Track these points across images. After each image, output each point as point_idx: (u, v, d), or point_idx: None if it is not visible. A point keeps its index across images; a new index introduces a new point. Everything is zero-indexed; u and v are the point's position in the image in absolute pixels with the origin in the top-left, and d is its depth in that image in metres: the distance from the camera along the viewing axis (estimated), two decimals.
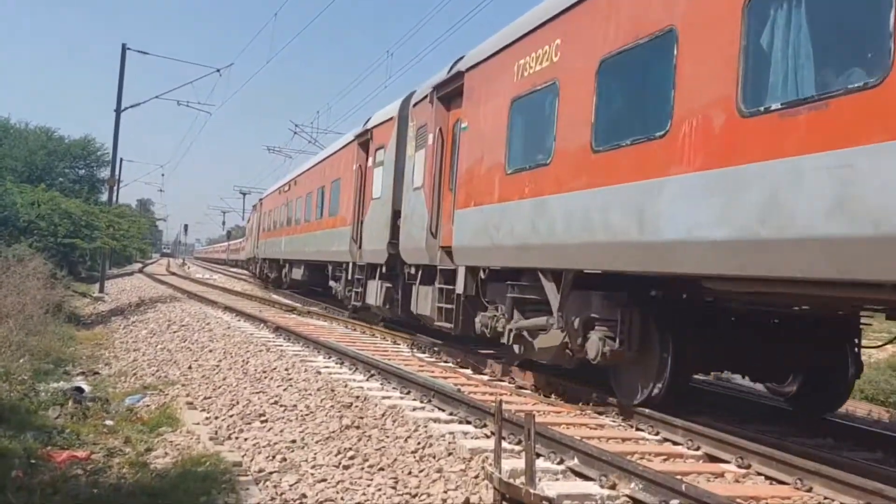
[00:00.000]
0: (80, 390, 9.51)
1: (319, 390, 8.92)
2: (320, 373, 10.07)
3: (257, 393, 9.03)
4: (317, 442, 6.82)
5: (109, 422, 8.27)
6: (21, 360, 10.66)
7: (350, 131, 18.29)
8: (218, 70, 30.89)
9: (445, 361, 11.68)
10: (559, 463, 5.77)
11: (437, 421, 7.32)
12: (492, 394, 8.82)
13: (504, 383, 9.80)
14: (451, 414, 7.62)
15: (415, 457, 6.20)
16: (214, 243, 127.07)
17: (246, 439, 7.10)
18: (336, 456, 6.33)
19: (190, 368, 11.28)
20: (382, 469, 5.96)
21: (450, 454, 6.19)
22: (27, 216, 27.79)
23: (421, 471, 5.85)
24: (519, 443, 6.02)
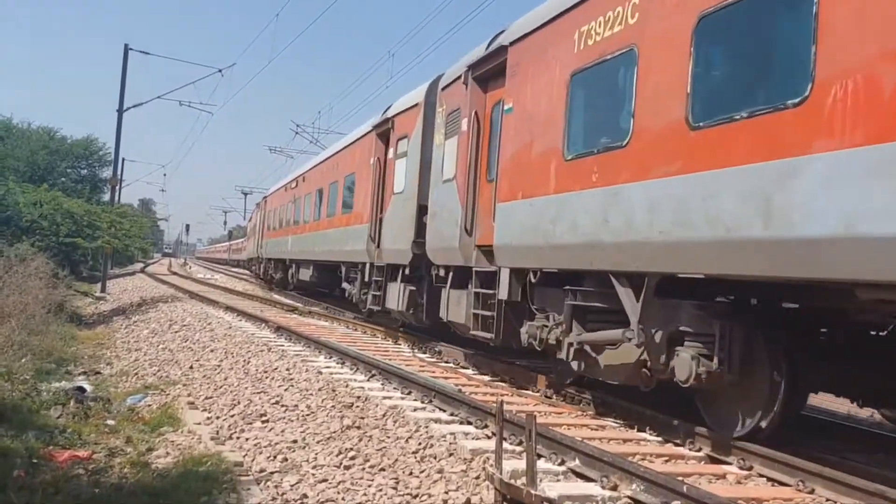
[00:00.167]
0: (82, 390, 9.52)
1: (320, 390, 8.93)
2: (321, 373, 10.08)
3: (258, 393, 9.04)
4: (318, 442, 6.83)
5: (111, 421, 8.28)
6: (23, 360, 10.68)
7: (367, 121, 16.86)
8: (220, 70, 31.03)
9: (446, 362, 11.69)
10: (560, 464, 5.77)
11: (438, 421, 7.33)
12: (493, 394, 8.82)
13: (505, 384, 9.80)
14: (453, 414, 7.62)
15: (416, 457, 6.21)
16: (216, 243, 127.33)
17: (247, 439, 7.10)
18: (337, 456, 6.33)
19: (191, 368, 11.29)
20: (383, 469, 5.96)
21: (451, 455, 6.20)
22: (29, 216, 27.85)
23: (422, 471, 5.85)
24: (520, 443, 6.01)
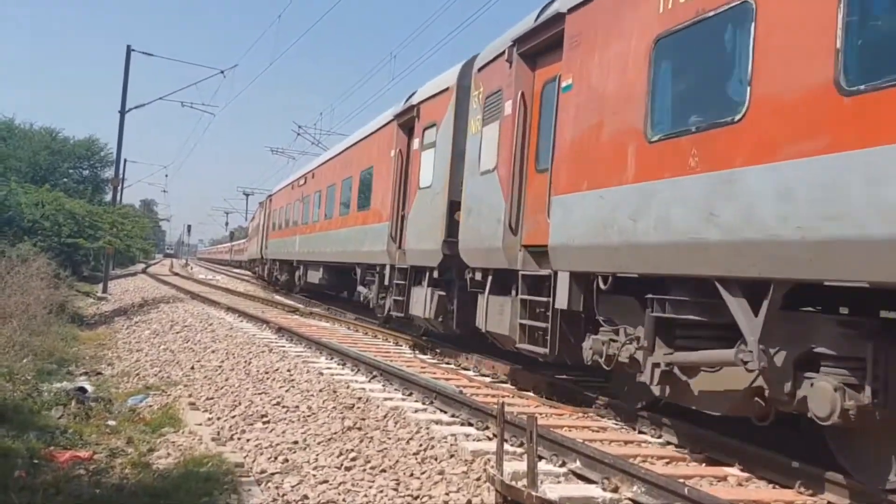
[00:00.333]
0: (83, 390, 9.53)
1: (321, 391, 8.93)
2: (322, 374, 10.08)
3: (259, 394, 9.04)
4: (319, 443, 6.83)
5: (112, 422, 8.28)
6: (24, 361, 10.69)
7: (389, 109, 15.44)
8: (222, 71, 31.15)
9: (447, 363, 11.69)
10: (561, 465, 5.77)
11: (439, 423, 7.33)
12: (494, 396, 8.82)
13: (507, 385, 9.80)
14: (454, 416, 7.62)
15: (417, 458, 6.21)
16: (217, 244, 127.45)
17: (248, 440, 7.11)
18: (338, 457, 6.33)
19: (192, 369, 11.30)
20: (384, 471, 5.96)
21: (452, 456, 6.20)
22: (31, 216, 27.89)
23: (423, 472, 5.85)
24: (521, 445, 6.01)
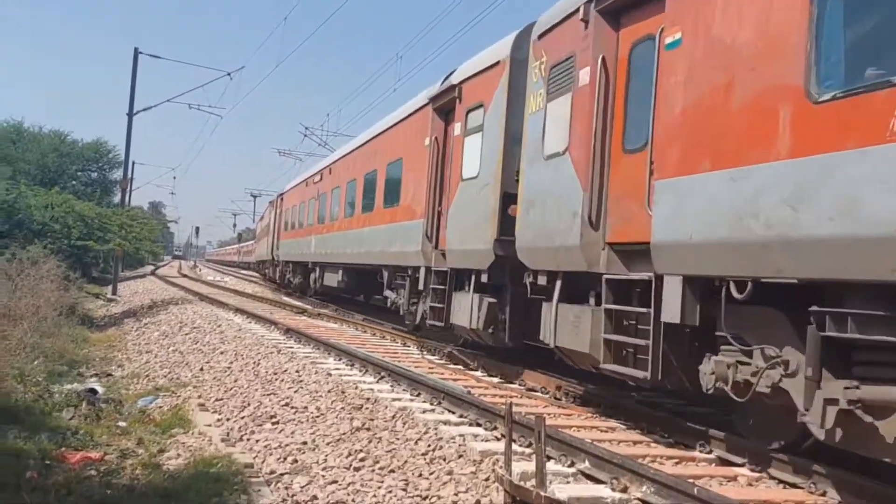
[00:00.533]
0: (94, 392, 9.58)
1: (330, 392, 8.94)
2: (331, 375, 10.10)
3: (268, 395, 9.07)
4: (327, 444, 6.85)
5: (122, 423, 8.33)
6: (35, 362, 10.75)
7: (422, 92, 13.87)
8: (229, 74, 31.27)
9: (455, 364, 11.68)
10: (570, 465, 5.76)
11: (448, 423, 7.33)
12: (502, 396, 8.82)
13: (514, 385, 9.79)
14: (462, 416, 7.62)
15: (425, 459, 6.21)
16: (225, 245, 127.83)
17: (257, 441, 7.13)
18: (347, 458, 6.35)
19: (202, 370, 11.34)
20: (393, 471, 5.97)
21: (460, 456, 6.20)
22: (41, 218, 28.03)
23: (431, 473, 5.86)
24: (529, 445, 6.01)
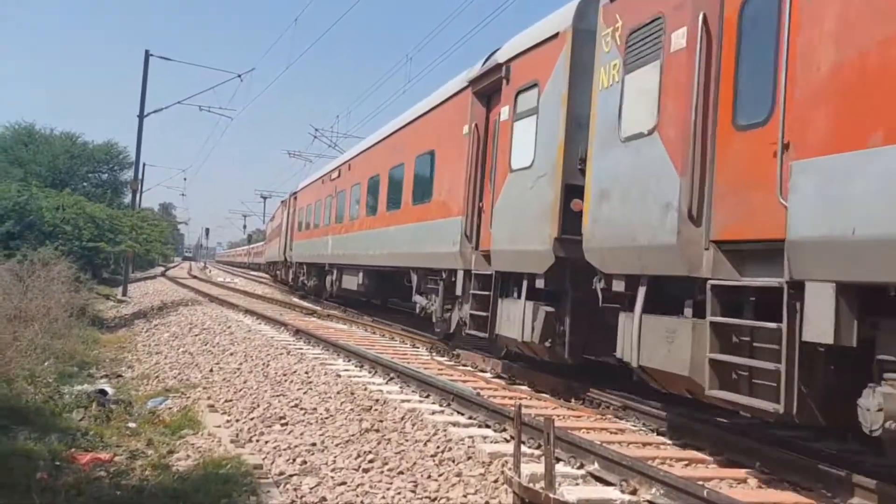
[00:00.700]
0: (104, 393, 9.61)
1: (339, 393, 8.95)
2: (340, 376, 10.11)
3: (278, 396, 9.08)
4: (337, 445, 6.85)
5: (132, 424, 8.35)
6: (46, 363, 10.80)
7: (459, 75, 12.57)
8: (239, 75, 31.34)
9: (464, 365, 11.67)
10: (579, 467, 5.74)
11: (457, 425, 7.33)
12: (511, 398, 8.80)
13: (523, 387, 9.77)
14: (471, 418, 7.61)
15: (434, 461, 6.21)
16: (235, 247, 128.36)
17: (266, 442, 7.14)
18: (356, 459, 6.35)
19: (211, 371, 11.37)
20: (402, 473, 5.97)
21: (469, 458, 6.19)
22: (52, 220, 28.21)
23: (440, 475, 5.85)
24: (538, 447, 6.00)
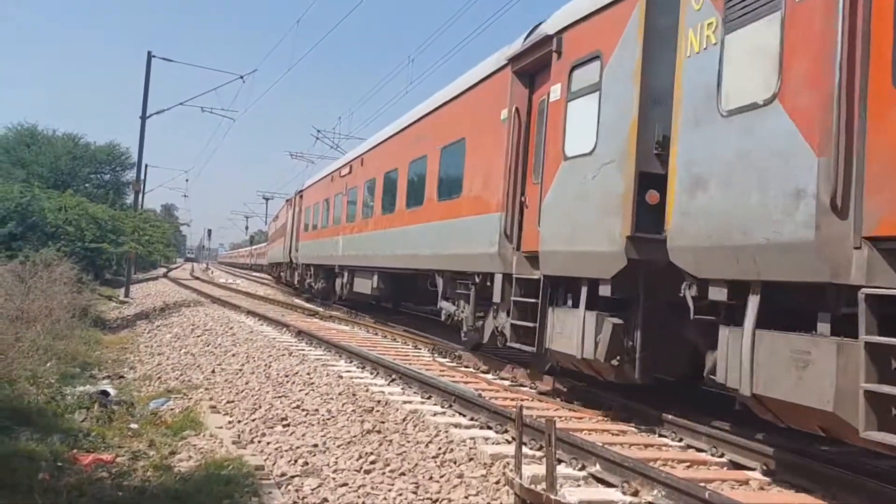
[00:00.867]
0: (106, 394, 9.62)
1: (341, 395, 8.96)
2: (342, 377, 10.11)
3: (279, 397, 9.09)
4: (338, 446, 6.86)
5: (134, 425, 8.36)
6: (48, 364, 10.81)
7: (495, 53, 11.01)
8: (241, 77, 31.35)
9: (466, 366, 11.67)
10: (581, 469, 5.75)
11: (458, 426, 7.33)
12: (513, 399, 8.79)
13: (525, 388, 9.77)
14: (472, 419, 7.62)
15: (436, 462, 6.21)
16: (238, 248, 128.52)
17: (268, 443, 7.15)
18: (357, 460, 6.36)
19: (213, 372, 11.38)
20: (403, 474, 5.97)
21: (471, 459, 6.19)
22: (54, 221, 28.26)
23: (442, 476, 5.86)
24: (540, 449, 6.00)
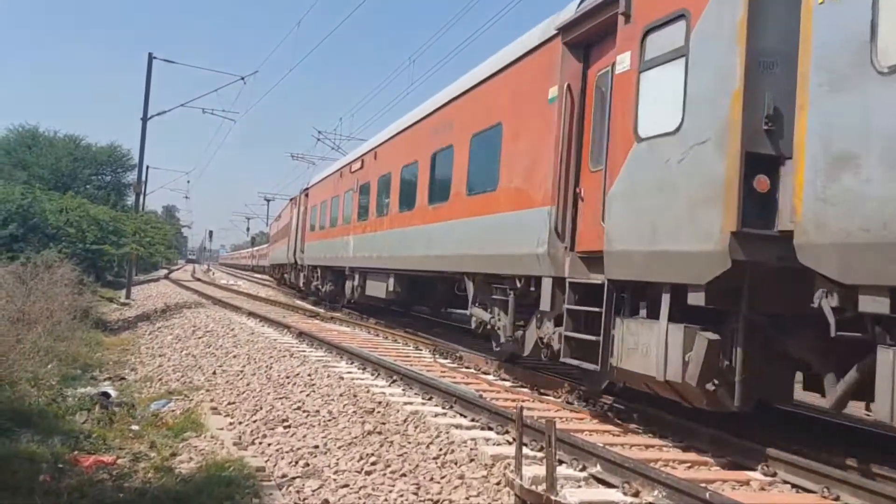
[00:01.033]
0: (107, 395, 9.64)
1: (342, 396, 8.96)
2: (343, 378, 10.11)
3: (280, 398, 9.09)
4: (339, 447, 6.86)
5: (135, 427, 8.37)
6: (49, 366, 10.82)
7: (543, 22, 9.55)
8: (242, 78, 31.31)
9: (467, 367, 11.67)
10: (582, 470, 5.74)
11: (459, 427, 7.32)
12: (514, 400, 8.79)
13: (526, 389, 9.76)
14: (473, 420, 7.61)
15: (436, 463, 6.21)
16: (239, 249, 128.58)
17: (269, 444, 7.15)
18: (358, 461, 6.36)
19: (214, 374, 11.39)
20: (404, 475, 5.97)
21: (472, 460, 6.19)
22: (55, 222, 28.29)
23: (443, 477, 5.86)
24: (541, 449, 5.99)
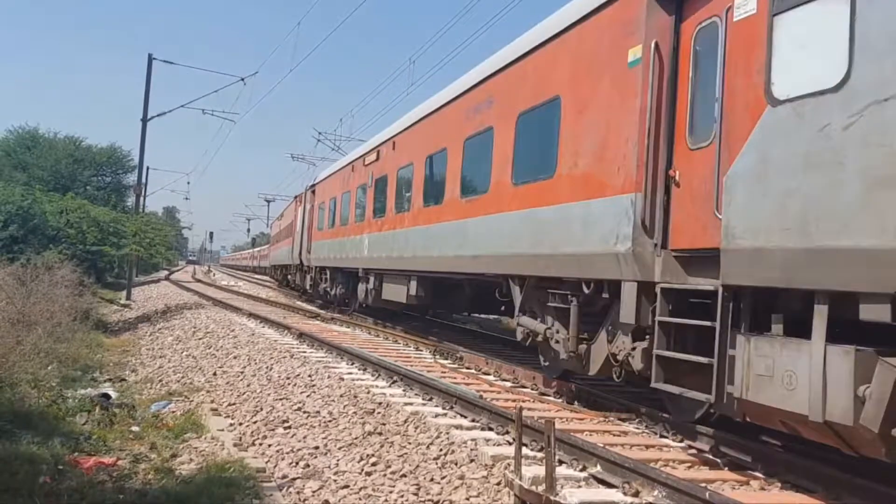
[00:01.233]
0: (107, 397, 9.65)
1: (342, 397, 8.95)
2: (343, 379, 10.11)
3: (281, 399, 9.09)
4: (339, 448, 6.86)
5: (135, 428, 8.38)
6: (49, 367, 10.83)
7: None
8: (242, 79, 31.27)
9: (468, 368, 11.67)
10: (581, 470, 5.74)
11: (459, 427, 7.32)
12: (514, 400, 8.78)
13: (527, 389, 9.76)
14: (474, 420, 7.61)
15: (437, 463, 6.21)
16: (239, 250, 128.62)
17: (270, 445, 7.16)
18: (359, 462, 6.36)
19: (215, 375, 11.39)
20: (405, 475, 5.97)
21: (472, 461, 6.19)
22: (56, 224, 28.31)
23: (443, 477, 5.86)
24: (541, 450, 5.99)
